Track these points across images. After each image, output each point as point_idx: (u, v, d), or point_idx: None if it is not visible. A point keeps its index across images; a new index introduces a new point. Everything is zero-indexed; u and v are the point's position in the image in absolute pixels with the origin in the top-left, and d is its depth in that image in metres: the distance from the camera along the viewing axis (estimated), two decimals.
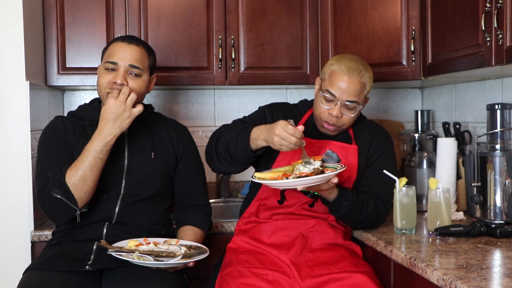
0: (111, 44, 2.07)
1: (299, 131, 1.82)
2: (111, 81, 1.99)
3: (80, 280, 1.87)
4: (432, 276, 1.58)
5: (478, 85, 2.59)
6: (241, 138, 1.94)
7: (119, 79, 1.99)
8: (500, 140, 2.14)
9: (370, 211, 2.06)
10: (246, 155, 1.95)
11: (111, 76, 2.00)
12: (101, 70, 2.05)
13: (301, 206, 2.14)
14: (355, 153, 2.14)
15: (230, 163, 2.03)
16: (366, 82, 2.06)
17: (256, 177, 1.90)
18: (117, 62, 2.00)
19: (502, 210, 2.11)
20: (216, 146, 2.04)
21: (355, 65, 2.06)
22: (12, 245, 2.32)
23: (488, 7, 1.86)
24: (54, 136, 2.04)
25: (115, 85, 1.98)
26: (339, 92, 2.03)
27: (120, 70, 2.00)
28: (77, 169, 1.89)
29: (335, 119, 2.06)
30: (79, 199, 1.89)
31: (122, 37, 2.10)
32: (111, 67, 2.01)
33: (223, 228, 2.38)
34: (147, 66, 2.07)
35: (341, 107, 2.04)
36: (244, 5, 2.69)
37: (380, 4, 2.53)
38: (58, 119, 2.11)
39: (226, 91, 3.07)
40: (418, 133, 2.75)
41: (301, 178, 1.81)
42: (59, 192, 1.87)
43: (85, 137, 2.01)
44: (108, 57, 2.03)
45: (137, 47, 2.05)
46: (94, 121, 2.03)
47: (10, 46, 2.30)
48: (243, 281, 1.88)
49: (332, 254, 2.01)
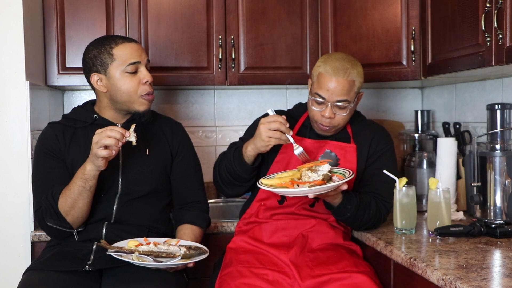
0: (115, 46, 2.02)
1: (280, 116, 1.92)
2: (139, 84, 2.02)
3: (80, 280, 1.87)
4: (432, 276, 1.58)
5: (478, 85, 2.59)
6: (236, 157, 2.04)
7: (148, 78, 2.03)
8: (500, 140, 2.14)
9: (373, 212, 2.06)
10: (245, 170, 2.04)
11: (135, 79, 2.02)
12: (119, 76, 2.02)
13: (302, 206, 2.14)
14: (354, 152, 2.14)
15: (235, 185, 2.12)
16: (354, 79, 2.04)
17: (262, 184, 1.89)
18: (140, 61, 2.03)
19: (502, 210, 2.11)
20: (219, 175, 2.14)
21: (340, 64, 2.03)
22: (12, 245, 2.32)
23: (488, 7, 1.85)
24: (46, 149, 2.05)
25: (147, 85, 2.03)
26: (327, 94, 2.02)
27: (143, 69, 2.03)
28: (67, 197, 1.91)
29: (328, 120, 2.06)
30: (73, 223, 1.96)
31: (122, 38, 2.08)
32: (134, 69, 2.02)
33: (223, 228, 2.38)
34: None
35: (333, 107, 2.04)
36: (244, 5, 2.69)
37: (380, 4, 2.53)
38: (50, 126, 2.11)
39: (226, 91, 3.07)
40: (418, 133, 2.75)
41: (314, 186, 1.80)
42: (52, 221, 1.96)
43: (75, 143, 2.05)
44: (130, 59, 2.01)
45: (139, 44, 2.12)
46: (86, 123, 2.08)
47: (10, 46, 2.30)
48: (243, 281, 1.88)
49: (332, 254, 2.01)
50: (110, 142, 1.80)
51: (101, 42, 2.04)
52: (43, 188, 2.00)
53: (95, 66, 2.02)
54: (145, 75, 2.02)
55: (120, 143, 1.82)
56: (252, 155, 2.01)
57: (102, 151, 1.80)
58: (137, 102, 2.04)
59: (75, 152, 2.03)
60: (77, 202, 1.91)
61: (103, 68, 2.01)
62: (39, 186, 2.03)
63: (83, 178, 1.88)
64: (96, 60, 2.02)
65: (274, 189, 1.86)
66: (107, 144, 1.80)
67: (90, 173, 1.86)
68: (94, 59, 2.02)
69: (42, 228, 2.05)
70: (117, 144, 1.81)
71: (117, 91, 2.02)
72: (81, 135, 2.06)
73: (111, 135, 1.80)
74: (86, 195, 1.90)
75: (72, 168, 2.01)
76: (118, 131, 1.81)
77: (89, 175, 1.87)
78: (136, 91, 2.02)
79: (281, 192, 1.87)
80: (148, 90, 2.04)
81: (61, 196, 1.92)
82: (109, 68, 2.01)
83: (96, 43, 2.06)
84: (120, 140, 1.82)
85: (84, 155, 1.91)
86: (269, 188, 1.86)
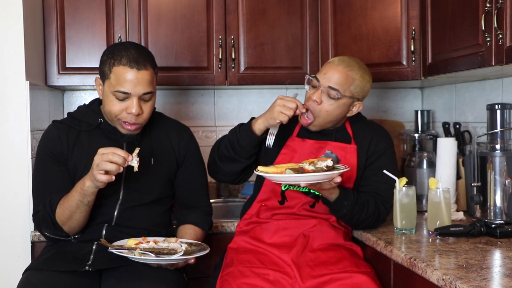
0: (116, 66, 1.91)
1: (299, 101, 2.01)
2: (124, 110, 1.92)
3: (80, 280, 1.87)
4: (432, 276, 1.58)
5: (478, 85, 2.59)
6: (244, 129, 2.08)
7: (134, 108, 1.90)
8: (500, 140, 2.14)
9: (371, 211, 2.06)
10: (250, 141, 2.05)
11: (123, 105, 1.92)
12: (108, 94, 1.94)
13: (302, 207, 2.14)
14: (354, 153, 2.14)
15: (233, 161, 2.10)
16: (354, 78, 2.06)
17: (259, 170, 1.91)
18: (130, 93, 1.90)
19: (502, 210, 2.11)
20: (218, 151, 2.14)
21: (349, 60, 2.10)
22: (12, 245, 2.32)
23: (488, 7, 1.85)
24: (48, 151, 2.01)
25: (131, 115, 1.92)
26: (323, 77, 2.07)
27: (134, 100, 1.91)
28: (64, 208, 1.88)
29: (314, 104, 2.07)
30: (70, 232, 1.95)
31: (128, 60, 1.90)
32: (122, 97, 1.91)
33: (223, 228, 2.38)
34: (155, 82, 1.99)
35: (322, 93, 2.05)
36: (244, 5, 2.69)
37: (380, 4, 2.54)
38: (53, 125, 2.06)
39: (226, 91, 3.07)
40: (418, 133, 2.75)
41: (304, 174, 1.82)
42: (49, 230, 1.95)
43: (79, 147, 2.01)
44: (118, 85, 1.90)
45: (146, 70, 1.91)
46: (91, 126, 2.03)
47: (10, 46, 2.30)
48: (244, 281, 1.88)
49: (333, 254, 2.01)
50: (111, 168, 1.74)
51: (111, 52, 1.95)
52: (43, 191, 1.98)
53: (100, 71, 1.99)
54: (131, 106, 1.91)
55: (122, 168, 1.76)
56: (259, 128, 2.04)
57: (102, 176, 1.75)
58: (118, 124, 1.97)
59: (78, 157, 2.00)
60: (74, 215, 1.88)
61: (102, 77, 1.97)
62: (39, 189, 2.01)
63: (82, 193, 1.83)
64: (102, 66, 1.97)
65: (267, 175, 1.89)
66: (108, 170, 1.74)
67: (89, 189, 1.82)
68: (101, 64, 1.97)
69: (39, 232, 2.04)
70: (118, 169, 1.75)
71: (104, 105, 1.98)
72: (85, 139, 2.02)
73: (113, 160, 1.74)
74: (83, 209, 1.87)
75: (74, 172, 2.00)
76: (121, 155, 1.75)
77: (87, 191, 1.82)
78: (117, 115, 1.94)
79: (272, 177, 1.89)
80: (129, 119, 1.93)
81: (58, 206, 1.90)
82: (105, 81, 1.95)
83: (109, 51, 1.97)
84: (122, 165, 1.76)
85: (87, 161, 1.86)
86: (262, 174, 1.89)
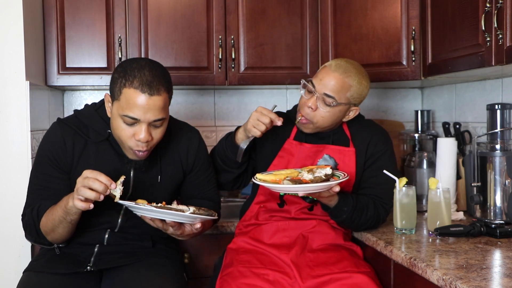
0: (127, 88, 1.75)
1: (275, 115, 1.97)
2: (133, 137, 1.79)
3: (80, 282, 1.86)
4: (432, 276, 1.58)
5: (478, 85, 2.59)
6: (229, 140, 2.10)
7: (142, 135, 1.77)
8: (500, 140, 2.14)
9: (370, 214, 2.06)
10: (234, 151, 2.06)
11: (131, 130, 1.78)
12: (116, 116, 1.79)
13: (300, 210, 2.13)
14: (353, 155, 2.13)
15: (225, 171, 2.15)
16: (351, 84, 2.02)
17: (257, 178, 1.90)
18: (139, 119, 1.76)
19: (502, 210, 2.11)
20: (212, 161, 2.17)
21: (346, 65, 2.05)
22: (12, 245, 2.32)
23: (488, 7, 1.86)
24: (51, 155, 1.89)
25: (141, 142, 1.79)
26: (319, 83, 2.03)
27: (143, 126, 1.77)
28: (48, 220, 1.81)
29: (309, 111, 2.05)
30: (53, 241, 1.89)
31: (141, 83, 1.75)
32: (131, 122, 1.77)
33: (223, 229, 2.38)
34: (168, 106, 1.85)
35: (317, 100, 2.03)
36: (244, 5, 2.69)
37: (380, 4, 2.54)
38: (60, 126, 1.92)
39: (226, 91, 3.07)
40: (418, 133, 2.75)
41: (302, 184, 1.80)
42: (31, 237, 1.91)
43: (85, 160, 1.89)
44: (127, 110, 1.75)
45: (159, 95, 1.77)
46: (99, 136, 1.90)
47: (10, 46, 2.30)
48: (244, 281, 1.88)
49: (333, 255, 2.01)
50: (90, 195, 1.64)
51: (124, 70, 1.78)
52: (37, 194, 1.90)
53: (110, 88, 1.83)
54: (139, 132, 1.77)
55: (102, 196, 1.66)
56: (240, 138, 2.05)
57: (79, 203, 1.66)
58: (128, 151, 1.86)
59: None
60: (57, 229, 1.81)
61: (112, 97, 1.82)
62: (33, 191, 1.92)
63: (65, 211, 1.74)
64: (112, 85, 1.82)
65: (265, 184, 1.87)
66: (87, 197, 1.65)
67: (71, 209, 1.72)
68: (112, 82, 1.82)
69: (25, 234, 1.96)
70: (98, 197, 1.65)
71: (112, 127, 1.84)
72: (92, 152, 1.91)
73: (93, 186, 1.64)
74: (66, 225, 1.79)
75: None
76: (103, 182, 1.64)
77: (70, 211, 1.73)
78: (127, 141, 1.81)
79: (270, 187, 1.88)
80: (140, 147, 1.80)
81: (44, 215, 1.82)
82: (114, 101, 1.81)
83: (122, 68, 1.80)
84: (103, 193, 1.65)
85: None
86: (261, 183, 1.88)
